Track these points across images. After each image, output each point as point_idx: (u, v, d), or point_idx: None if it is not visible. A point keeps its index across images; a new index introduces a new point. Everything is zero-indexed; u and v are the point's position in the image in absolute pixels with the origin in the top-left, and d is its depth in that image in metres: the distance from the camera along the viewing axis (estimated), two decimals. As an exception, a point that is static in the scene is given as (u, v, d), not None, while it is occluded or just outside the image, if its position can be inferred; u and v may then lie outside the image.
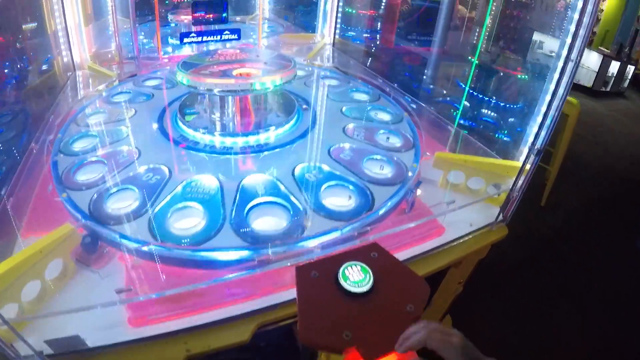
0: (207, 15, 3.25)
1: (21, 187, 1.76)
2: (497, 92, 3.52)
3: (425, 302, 1.04)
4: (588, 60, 7.10)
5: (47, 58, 3.00)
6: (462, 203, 1.75)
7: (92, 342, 1.18)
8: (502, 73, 3.77)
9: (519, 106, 3.17)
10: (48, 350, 1.13)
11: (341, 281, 1.04)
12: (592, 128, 5.60)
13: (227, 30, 3.29)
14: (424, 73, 3.82)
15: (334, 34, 3.88)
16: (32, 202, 1.72)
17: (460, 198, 1.80)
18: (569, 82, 1.47)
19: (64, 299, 1.31)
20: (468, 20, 4.14)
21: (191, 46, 3.30)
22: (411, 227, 1.61)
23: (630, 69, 7.42)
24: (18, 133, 2.34)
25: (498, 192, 1.86)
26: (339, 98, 2.61)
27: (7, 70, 2.79)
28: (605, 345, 2.51)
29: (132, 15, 3.13)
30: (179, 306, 1.29)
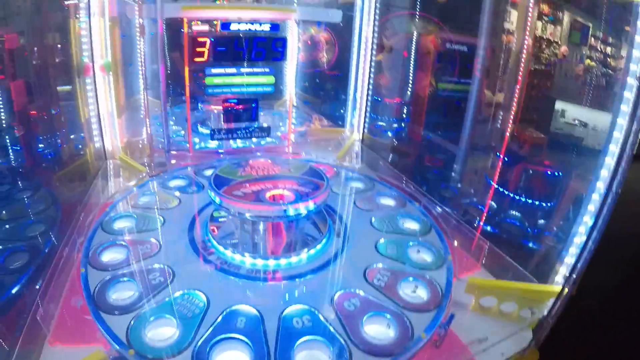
0: (239, 109, 3.30)
1: (51, 291, 1.74)
2: (528, 189, 3.32)
3: None
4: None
5: (79, 145, 3.05)
6: (495, 337, 1.70)
7: None
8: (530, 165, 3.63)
9: (552, 205, 3.07)
10: None
11: None
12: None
13: (257, 128, 3.34)
14: (452, 169, 3.78)
15: (363, 129, 3.89)
16: (60, 310, 1.70)
17: (492, 323, 1.77)
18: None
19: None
20: (496, 105, 4.12)
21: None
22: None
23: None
24: (51, 225, 2.36)
25: (532, 319, 1.81)
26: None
27: (41, 151, 2.85)
28: None
29: (164, 108, 3.18)
30: None
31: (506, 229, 2.88)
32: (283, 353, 1.52)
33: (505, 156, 3.44)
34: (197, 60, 3.08)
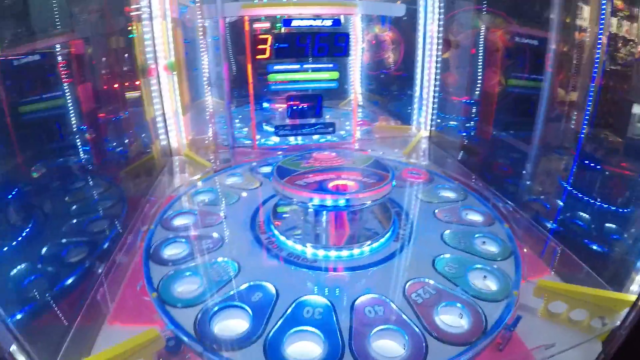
0: (303, 105, 3.28)
1: (113, 275, 1.79)
2: (604, 193, 3.22)
3: None
4: None
5: (145, 143, 3.13)
6: (562, 345, 1.57)
7: None
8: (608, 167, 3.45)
9: (629, 210, 2.89)
10: None
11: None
12: None
13: (322, 124, 3.31)
14: (522, 169, 3.63)
15: (430, 126, 3.81)
16: (121, 292, 1.74)
17: (559, 331, 1.64)
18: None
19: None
20: (569, 104, 3.93)
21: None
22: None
23: None
24: (116, 213, 2.43)
25: (603, 329, 1.68)
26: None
27: (109, 147, 2.93)
28: None
29: (228, 105, 3.20)
30: None
31: (579, 233, 2.72)
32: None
33: (579, 157, 3.27)
34: (260, 57, 3.09)
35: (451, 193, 2.54)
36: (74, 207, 2.43)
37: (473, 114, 4.50)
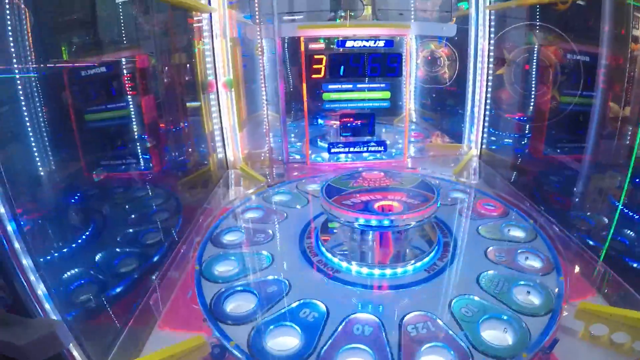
0: (355, 123, 3.36)
1: (165, 282, 1.90)
2: None
3: None
4: None
5: (203, 155, 3.27)
6: None
7: None
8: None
9: None
10: None
11: None
12: None
13: (374, 142, 3.38)
14: (574, 188, 3.57)
15: (481, 145, 3.81)
16: (172, 299, 1.85)
17: (600, 353, 1.65)
18: None
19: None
20: (623, 120, 3.83)
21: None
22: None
23: None
24: (172, 223, 2.57)
25: None
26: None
27: (168, 158, 3.08)
28: None
29: (283, 122, 3.31)
30: None
31: (628, 254, 2.68)
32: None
33: (634, 177, 3.20)
34: (315, 76, 3.19)
35: (520, 232, 2.45)
36: (132, 215, 2.58)
37: (525, 132, 4.46)
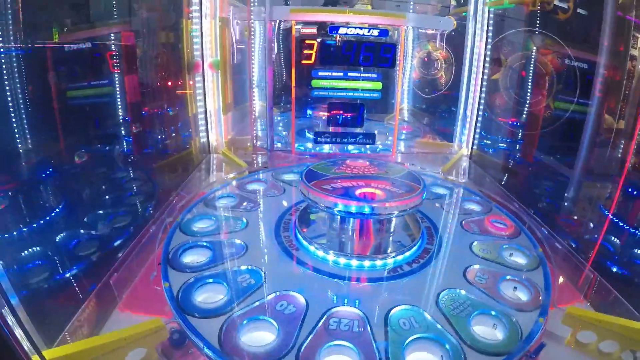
0: (344, 114, 3.28)
1: (129, 263, 1.79)
2: None
3: None
4: None
5: (185, 138, 3.18)
6: None
7: None
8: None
9: None
10: None
11: None
12: None
13: (362, 134, 3.29)
14: (563, 195, 3.53)
15: (472, 145, 3.75)
16: (136, 281, 1.75)
17: None
18: None
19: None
20: (616, 132, 3.80)
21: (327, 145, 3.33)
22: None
23: None
24: (144, 204, 2.49)
25: None
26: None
27: (149, 140, 2.99)
28: None
29: (269, 109, 3.22)
30: None
31: (617, 262, 2.63)
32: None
33: (624, 187, 3.16)
34: (305, 62, 3.11)
35: (522, 259, 2.15)
36: (103, 195, 2.48)
37: (517, 136, 4.43)
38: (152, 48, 3.10)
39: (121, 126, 2.86)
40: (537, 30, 4.09)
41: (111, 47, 2.71)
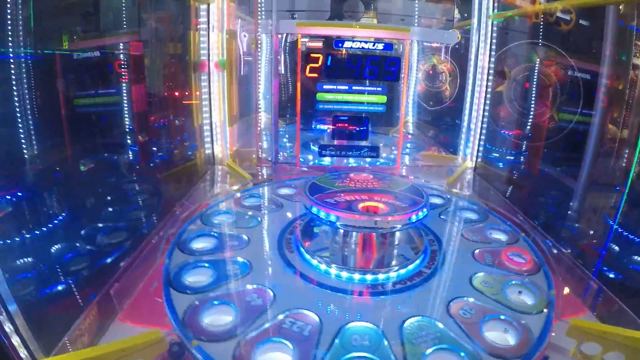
0: (349, 127, 3.29)
1: (130, 273, 1.79)
2: None
3: None
4: None
5: (190, 149, 3.19)
6: None
7: None
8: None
9: None
10: None
11: None
12: None
13: (367, 147, 3.30)
14: (568, 206, 3.50)
15: (476, 158, 3.74)
16: (136, 292, 1.75)
17: None
18: None
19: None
20: (620, 142, 3.77)
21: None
22: None
23: None
24: (147, 215, 2.49)
25: None
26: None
27: (154, 150, 3.00)
28: None
29: (275, 121, 3.23)
30: None
31: (623, 274, 2.61)
32: None
33: (628, 197, 3.15)
34: (310, 75, 3.12)
35: (530, 299, 1.95)
36: (105, 205, 2.48)
37: (522, 148, 4.42)
38: (160, 58, 3.12)
39: (127, 135, 2.87)
40: (540, 42, 4.10)
41: (120, 57, 2.74)
